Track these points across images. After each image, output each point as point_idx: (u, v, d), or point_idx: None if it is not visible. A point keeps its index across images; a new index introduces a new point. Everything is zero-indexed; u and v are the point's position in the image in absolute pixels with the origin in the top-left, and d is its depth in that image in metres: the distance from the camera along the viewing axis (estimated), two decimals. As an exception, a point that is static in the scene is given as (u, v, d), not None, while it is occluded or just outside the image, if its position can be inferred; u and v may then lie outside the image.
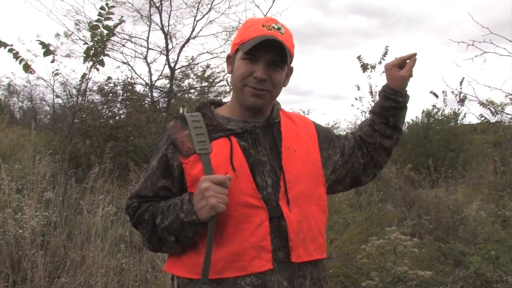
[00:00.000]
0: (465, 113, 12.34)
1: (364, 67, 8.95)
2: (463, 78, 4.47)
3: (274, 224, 1.34)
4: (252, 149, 1.39)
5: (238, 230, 1.32)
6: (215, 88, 11.86)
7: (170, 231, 1.32)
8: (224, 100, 1.62)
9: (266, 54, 1.35)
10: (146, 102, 10.42)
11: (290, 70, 1.50)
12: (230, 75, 1.49)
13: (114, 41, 10.59)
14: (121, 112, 9.67)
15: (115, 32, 4.79)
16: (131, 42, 11.10)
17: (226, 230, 1.32)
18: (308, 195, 1.42)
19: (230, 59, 1.48)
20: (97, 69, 4.49)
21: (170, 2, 10.92)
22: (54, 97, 12.00)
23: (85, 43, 4.52)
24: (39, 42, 4.29)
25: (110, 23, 4.37)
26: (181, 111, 1.87)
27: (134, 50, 11.16)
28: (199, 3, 11.04)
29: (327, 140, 1.56)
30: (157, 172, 1.41)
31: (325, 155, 1.52)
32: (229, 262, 1.30)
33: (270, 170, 1.38)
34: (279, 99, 1.50)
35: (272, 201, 1.35)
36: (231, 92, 1.52)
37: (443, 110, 12.90)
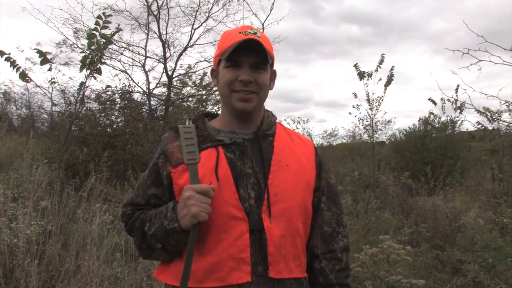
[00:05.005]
0: (462, 120, 12.38)
1: (361, 75, 8.99)
2: (458, 85, 4.50)
3: (255, 237, 1.33)
4: (238, 161, 1.39)
5: (218, 240, 1.32)
6: (213, 96, 11.86)
7: (157, 238, 1.35)
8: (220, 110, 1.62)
9: (248, 58, 1.38)
10: (144, 110, 10.41)
11: (274, 73, 1.51)
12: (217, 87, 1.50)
13: (112, 50, 10.59)
14: (118, 120, 9.66)
15: (112, 40, 4.79)
16: (129, 50, 11.08)
17: (207, 239, 1.33)
18: (298, 211, 1.40)
19: (214, 73, 1.50)
20: (95, 78, 4.49)
21: (168, 10, 10.92)
22: (52, 105, 11.99)
23: (82, 51, 4.52)
24: (37, 51, 4.29)
25: (107, 31, 4.38)
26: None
27: (132, 59, 11.13)
28: (197, 11, 11.03)
29: (326, 177, 1.50)
30: (148, 180, 1.46)
31: (318, 185, 1.48)
32: (208, 272, 1.31)
33: (255, 183, 1.37)
34: (276, 106, 1.49)
35: (254, 214, 1.34)
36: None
37: (440, 118, 12.94)
